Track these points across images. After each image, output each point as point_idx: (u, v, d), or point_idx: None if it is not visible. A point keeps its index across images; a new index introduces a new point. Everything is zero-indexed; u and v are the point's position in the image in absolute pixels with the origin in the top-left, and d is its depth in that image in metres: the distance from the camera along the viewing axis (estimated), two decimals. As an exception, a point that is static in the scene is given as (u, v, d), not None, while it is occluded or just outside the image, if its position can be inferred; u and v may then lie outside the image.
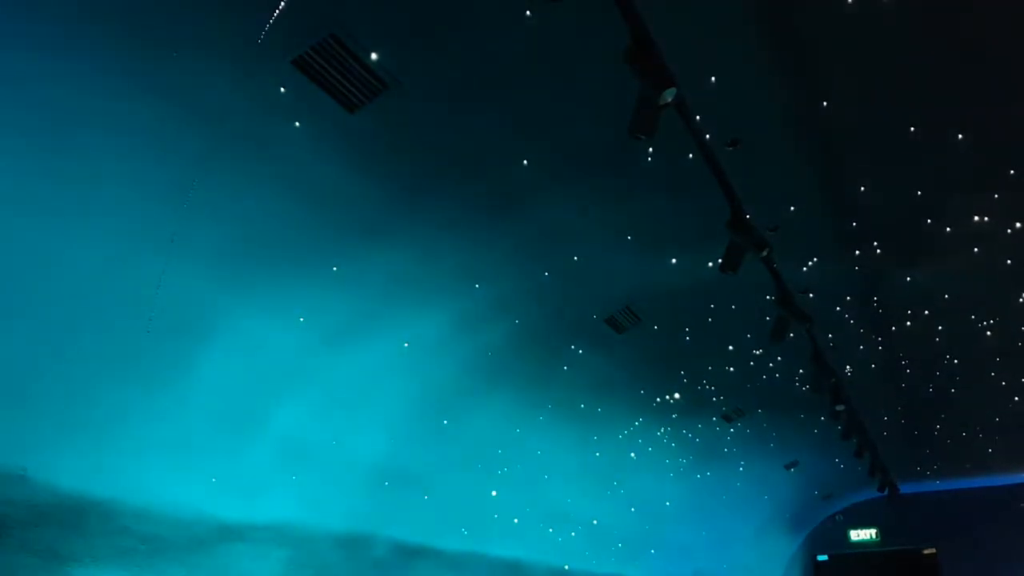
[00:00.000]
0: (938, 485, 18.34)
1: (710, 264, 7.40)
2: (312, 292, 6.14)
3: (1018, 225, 7.48)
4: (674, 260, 7.85)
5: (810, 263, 8.15)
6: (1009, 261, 8.16)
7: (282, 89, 4.93)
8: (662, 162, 6.33)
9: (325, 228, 5.84)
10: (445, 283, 6.89)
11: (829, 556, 19.89)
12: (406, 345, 7.09)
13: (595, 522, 11.14)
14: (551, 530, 10.23)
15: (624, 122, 5.12)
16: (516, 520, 9.46)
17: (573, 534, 10.69)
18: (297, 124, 5.19)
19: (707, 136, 6.09)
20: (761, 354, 10.19)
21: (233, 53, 4.66)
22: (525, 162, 6.08)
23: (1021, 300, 9.03)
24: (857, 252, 7.98)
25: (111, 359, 5.63)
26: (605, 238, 7.32)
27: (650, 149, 6.20)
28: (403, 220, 6.14)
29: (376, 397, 7.11)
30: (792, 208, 7.21)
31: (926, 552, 18.97)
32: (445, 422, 7.99)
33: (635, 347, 9.20)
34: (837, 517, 19.69)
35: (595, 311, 8.38)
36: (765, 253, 6.96)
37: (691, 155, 6.12)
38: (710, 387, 10.96)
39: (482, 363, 7.97)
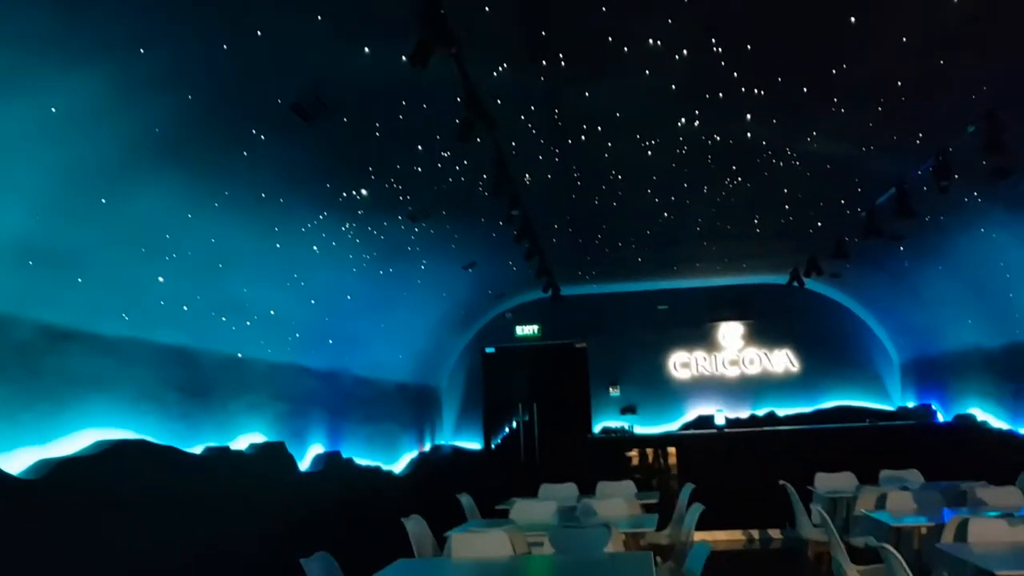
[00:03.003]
0: (593, 288, 20.76)
1: (404, 59, 7.20)
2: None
3: (685, 52, 8.09)
4: (367, 49, 7.54)
5: (500, 68, 8.26)
6: (674, 86, 8.89)
7: None
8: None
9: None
10: (100, 45, 6.00)
11: (496, 348, 22.01)
12: (53, 111, 6.19)
13: (272, 312, 11.08)
14: (224, 319, 10.00)
15: None
16: (185, 308, 9.09)
17: (248, 323, 10.56)
18: None
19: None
20: (448, 156, 10.39)
21: None
22: (199, -91, 5.34)
23: (679, 124, 9.97)
24: (544, 62, 8.21)
25: None
26: (293, 14, 6.79)
27: (345, -81, 5.73)
28: (43, -43, 5.16)
29: (15, 166, 6.20)
30: (487, 8, 7.15)
31: (578, 345, 21.79)
32: (103, 200, 7.25)
33: (322, 138, 8.90)
34: (506, 315, 21.61)
35: (280, 95, 7.90)
36: (454, 51, 6.91)
37: (388, -67, 5.76)
38: (397, 185, 11.06)
39: (148, 139, 7.24)
